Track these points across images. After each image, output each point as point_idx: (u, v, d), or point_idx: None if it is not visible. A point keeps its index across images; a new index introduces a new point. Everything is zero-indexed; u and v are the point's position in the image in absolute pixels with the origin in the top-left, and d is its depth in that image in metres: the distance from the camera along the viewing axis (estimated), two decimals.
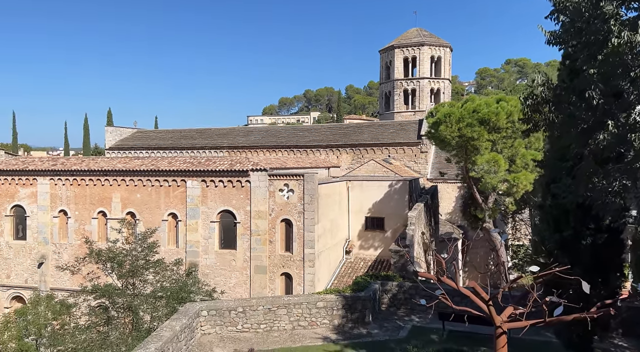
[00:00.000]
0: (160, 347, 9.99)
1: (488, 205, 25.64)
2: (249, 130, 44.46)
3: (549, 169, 9.30)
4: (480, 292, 6.58)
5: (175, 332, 10.83)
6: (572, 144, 7.91)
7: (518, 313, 6.79)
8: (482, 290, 6.60)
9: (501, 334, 7.00)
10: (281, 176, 24.32)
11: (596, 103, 6.66)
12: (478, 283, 8.47)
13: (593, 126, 6.99)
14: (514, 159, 23.54)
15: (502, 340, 7.03)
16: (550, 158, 9.40)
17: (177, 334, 10.95)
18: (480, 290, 6.51)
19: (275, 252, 24.39)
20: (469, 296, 7.17)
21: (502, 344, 7.03)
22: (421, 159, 38.25)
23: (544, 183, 10.97)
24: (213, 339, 12.49)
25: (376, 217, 28.60)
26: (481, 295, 6.60)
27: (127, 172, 26.23)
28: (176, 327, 11.00)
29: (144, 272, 18.59)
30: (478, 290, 6.49)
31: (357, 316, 13.37)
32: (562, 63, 10.07)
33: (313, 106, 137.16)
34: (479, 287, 6.47)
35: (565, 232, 10.34)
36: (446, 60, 46.66)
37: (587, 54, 7.32)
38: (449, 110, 23.58)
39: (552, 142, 9.42)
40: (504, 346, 7.03)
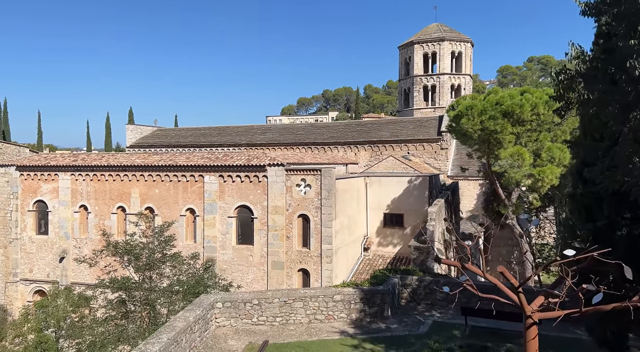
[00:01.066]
0: (173, 338, 9.76)
1: (511, 201, 24.78)
2: (267, 127, 44.37)
3: (582, 152, 8.66)
4: (510, 278, 6.09)
5: (188, 323, 10.60)
6: (610, 122, 7.29)
7: (550, 303, 6.27)
8: (511, 276, 6.11)
9: (531, 325, 6.49)
10: (298, 170, 24.03)
11: (638, 74, 6.07)
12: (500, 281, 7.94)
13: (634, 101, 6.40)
14: (539, 153, 22.65)
15: (532, 331, 6.52)
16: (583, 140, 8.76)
17: (191, 325, 10.72)
18: (509, 275, 6.02)
19: (292, 248, 24.10)
20: (495, 284, 6.68)
21: (533, 335, 6.52)
22: (441, 155, 37.50)
23: (574, 170, 10.33)
24: (228, 332, 12.22)
25: (395, 214, 28.06)
26: (510, 281, 6.10)
27: (145, 168, 26.33)
28: (190, 318, 10.76)
29: (161, 266, 18.54)
30: (507, 275, 6.00)
31: (376, 310, 12.93)
32: (595, 43, 9.45)
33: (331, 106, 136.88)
34: (508, 272, 5.97)
35: (599, 222, 9.70)
36: (467, 55, 45.66)
37: (625, 25, 6.74)
38: (471, 103, 22.86)
39: (585, 123, 8.78)
40: (535, 337, 6.51)
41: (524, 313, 6.41)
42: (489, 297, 6.52)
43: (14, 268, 29.08)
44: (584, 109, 8.12)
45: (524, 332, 6.63)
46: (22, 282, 29.08)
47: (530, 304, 6.42)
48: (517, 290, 6.07)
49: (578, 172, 10.25)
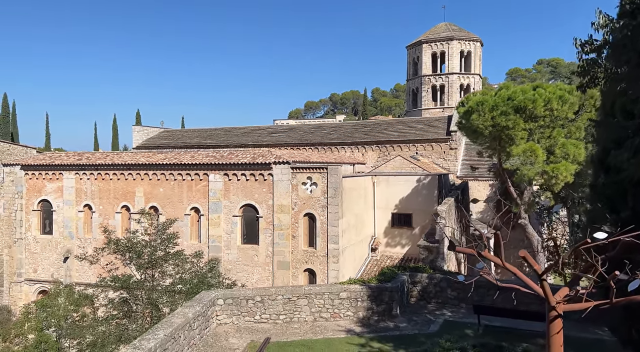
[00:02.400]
0: (170, 334, 9.27)
1: (524, 199, 24.05)
2: (274, 128, 43.99)
3: (607, 132, 8.03)
4: (533, 263, 5.51)
5: (187, 319, 10.10)
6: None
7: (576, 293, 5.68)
8: (534, 261, 5.53)
9: (556, 318, 5.89)
10: (304, 168, 23.56)
11: None
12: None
13: None
14: (553, 150, 21.92)
15: (556, 325, 5.92)
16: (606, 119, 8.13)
17: (190, 322, 10.22)
18: (532, 260, 5.44)
19: (298, 248, 23.59)
20: (515, 273, 6.11)
21: (557, 329, 5.92)
22: (450, 156, 36.83)
23: (596, 158, 9.72)
24: (229, 330, 11.71)
25: (403, 214, 27.44)
26: (534, 267, 5.53)
27: (150, 166, 26.03)
28: (189, 315, 10.27)
29: (163, 264, 18.10)
30: (530, 260, 5.43)
31: (384, 308, 12.35)
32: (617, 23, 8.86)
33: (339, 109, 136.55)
34: (530, 257, 5.40)
35: (623, 214, 9.07)
36: (476, 55, 45.01)
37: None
38: (482, 99, 22.24)
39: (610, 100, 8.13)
40: (560, 331, 5.92)
41: (547, 304, 5.83)
42: (509, 286, 5.95)
43: (19, 268, 28.87)
44: (611, 85, 7.52)
45: (546, 326, 6.03)
46: (26, 282, 28.85)
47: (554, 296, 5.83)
48: (541, 277, 5.49)
49: (600, 160, 9.63)
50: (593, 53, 7.30)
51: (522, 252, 5.40)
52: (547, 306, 5.93)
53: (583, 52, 7.51)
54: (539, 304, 12.86)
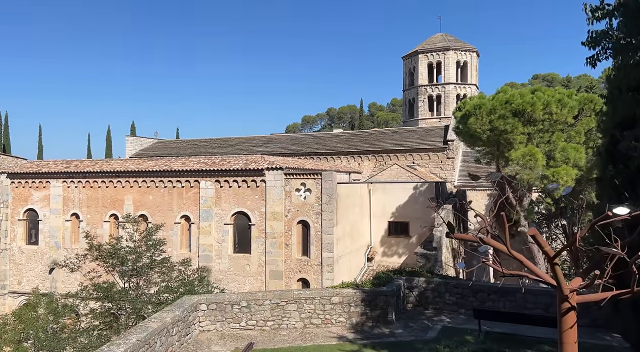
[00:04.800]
0: (145, 339, 8.48)
1: (523, 206, 23.40)
2: (269, 138, 43.46)
3: (617, 110, 7.39)
4: (544, 243, 4.83)
5: (165, 324, 9.31)
6: None
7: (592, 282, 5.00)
8: (544, 241, 4.86)
9: (569, 311, 5.19)
10: (298, 174, 22.92)
11: None
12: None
13: None
14: (553, 155, 21.36)
15: (569, 319, 5.22)
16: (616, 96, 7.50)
17: (168, 327, 9.43)
18: (542, 240, 4.77)
19: (291, 257, 22.78)
20: (521, 261, 5.43)
21: (570, 323, 5.22)
22: (447, 165, 36.30)
23: (603, 149, 9.12)
24: (212, 337, 10.90)
25: (400, 222, 26.74)
26: (544, 248, 4.84)
27: (139, 173, 25.33)
28: (166, 319, 9.48)
29: (149, 272, 17.29)
30: (540, 240, 4.75)
31: (379, 313, 11.56)
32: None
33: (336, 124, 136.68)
34: (540, 236, 4.74)
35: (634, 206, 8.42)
36: (473, 65, 44.89)
37: None
38: (479, 102, 21.81)
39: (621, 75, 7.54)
40: (573, 326, 5.21)
41: (559, 295, 5.13)
42: (515, 273, 5.27)
43: (2, 280, 27.86)
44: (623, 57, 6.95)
45: (558, 320, 5.31)
46: (10, 294, 27.81)
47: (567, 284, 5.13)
48: (552, 261, 4.81)
49: (607, 151, 9.03)
50: (605, 18, 6.73)
51: (532, 231, 4.73)
52: (558, 296, 5.24)
53: (594, 18, 6.92)
54: (544, 309, 12.14)
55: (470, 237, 5.68)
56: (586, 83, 63.93)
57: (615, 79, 7.49)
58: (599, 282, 5.10)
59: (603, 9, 6.74)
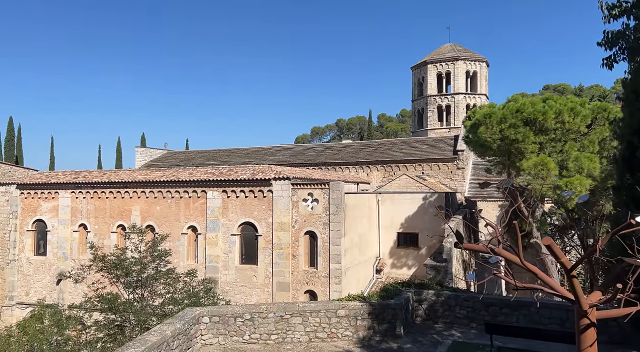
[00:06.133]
0: None
1: (535, 217, 22.83)
2: (278, 149, 43.40)
3: (632, 124, 7.02)
4: (560, 254, 4.50)
5: (164, 337, 9.03)
6: None
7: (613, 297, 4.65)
8: (560, 252, 4.53)
9: (588, 327, 4.83)
10: (305, 184, 22.68)
11: None
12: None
13: None
14: (565, 165, 20.85)
15: (589, 336, 4.85)
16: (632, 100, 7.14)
17: (168, 341, 9.15)
18: (558, 250, 4.44)
19: (298, 268, 22.44)
20: (535, 273, 5.09)
21: (590, 341, 4.84)
22: (457, 175, 35.82)
23: (620, 156, 8.74)
24: (214, 351, 10.58)
25: (409, 233, 26.26)
26: (561, 259, 4.51)
27: (147, 184, 25.30)
28: (167, 332, 9.20)
29: (154, 283, 17.07)
30: (556, 250, 4.42)
31: (386, 327, 11.17)
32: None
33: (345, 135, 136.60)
34: (556, 245, 4.41)
35: None
36: (482, 75, 44.57)
37: None
38: (489, 111, 21.44)
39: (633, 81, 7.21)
40: (593, 344, 4.83)
41: (577, 309, 4.77)
42: (530, 286, 4.93)
43: (10, 291, 27.86)
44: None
45: (577, 338, 4.94)
46: (18, 305, 27.77)
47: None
48: (570, 273, 4.47)
49: (624, 158, 8.65)
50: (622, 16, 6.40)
51: (547, 240, 4.41)
52: (577, 311, 4.87)
53: (610, 16, 6.59)
54: (560, 324, 11.64)
55: (480, 247, 5.35)
56: (598, 93, 63.18)
57: (632, 82, 7.15)
58: (620, 296, 4.74)
59: (620, 6, 6.43)
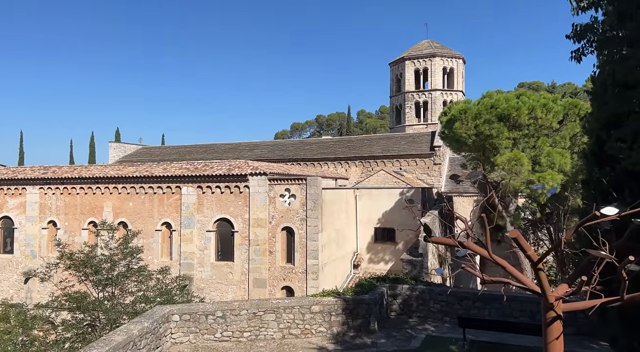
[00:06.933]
0: None
1: (509, 212, 23.20)
2: (255, 144, 42.92)
3: (606, 106, 7.04)
4: (527, 247, 4.46)
5: (131, 336, 8.75)
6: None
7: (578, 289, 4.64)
8: (527, 244, 4.49)
9: (554, 320, 4.81)
10: (282, 180, 22.47)
11: None
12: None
13: None
14: (538, 160, 21.22)
15: (555, 329, 4.84)
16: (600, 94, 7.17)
17: (134, 340, 8.86)
18: (525, 243, 4.40)
19: (275, 264, 22.25)
20: (504, 267, 5.05)
21: (556, 334, 4.83)
22: (434, 171, 36.11)
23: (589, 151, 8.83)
24: (185, 350, 10.33)
25: (387, 228, 26.37)
26: (527, 252, 4.47)
27: (119, 179, 24.65)
28: (133, 331, 8.91)
29: (125, 281, 16.62)
30: (522, 242, 4.38)
31: (360, 322, 11.11)
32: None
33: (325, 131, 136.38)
34: (523, 238, 4.37)
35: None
36: (459, 71, 45.02)
37: None
38: (465, 107, 21.64)
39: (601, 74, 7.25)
40: (560, 337, 4.82)
41: (544, 303, 4.75)
42: (497, 280, 4.90)
43: None
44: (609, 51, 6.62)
45: (543, 330, 4.93)
46: None
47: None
48: (537, 266, 4.44)
49: (593, 153, 8.75)
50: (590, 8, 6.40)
51: (514, 233, 4.36)
52: (543, 304, 4.85)
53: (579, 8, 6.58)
54: (530, 317, 11.80)
55: (449, 241, 5.30)
56: (570, 90, 64.75)
57: (600, 76, 7.21)
58: (586, 289, 4.73)
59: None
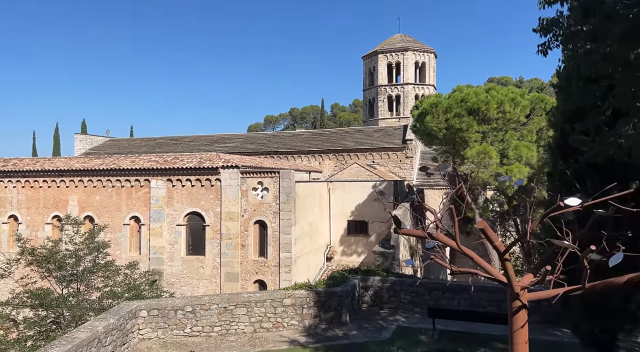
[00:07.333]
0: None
1: (478, 204, 23.73)
2: (228, 137, 42.32)
3: (569, 99, 7.21)
4: (493, 237, 4.52)
5: (96, 334, 8.47)
6: (613, 50, 5.80)
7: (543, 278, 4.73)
8: (494, 235, 4.55)
9: (520, 309, 4.90)
10: (254, 173, 22.22)
11: None
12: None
13: None
14: (506, 153, 21.75)
15: (521, 317, 4.93)
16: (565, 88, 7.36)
17: (99, 337, 8.59)
18: (492, 233, 4.46)
19: (247, 258, 22.05)
20: (472, 257, 5.11)
21: (521, 322, 4.93)
22: (406, 164, 36.54)
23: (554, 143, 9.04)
24: (153, 345, 10.11)
25: (359, 221, 26.53)
26: (494, 243, 4.53)
27: (85, 172, 23.85)
28: (98, 328, 8.64)
29: (91, 276, 16.12)
30: (489, 233, 4.44)
31: (332, 315, 11.14)
32: None
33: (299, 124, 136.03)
34: (490, 229, 4.42)
35: None
36: (431, 66, 45.56)
37: None
38: (436, 101, 21.91)
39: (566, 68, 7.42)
40: (524, 325, 4.92)
41: (510, 292, 4.83)
42: (465, 270, 4.96)
43: None
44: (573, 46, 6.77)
45: (509, 319, 5.01)
46: None
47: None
48: (503, 256, 4.51)
49: (558, 145, 8.98)
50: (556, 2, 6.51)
51: (481, 224, 4.40)
52: (509, 294, 4.93)
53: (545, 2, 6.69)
54: (497, 306, 12.11)
55: (419, 232, 5.32)
56: (537, 85, 66.71)
57: (565, 70, 7.40)
58: (550, 278, 4.84)
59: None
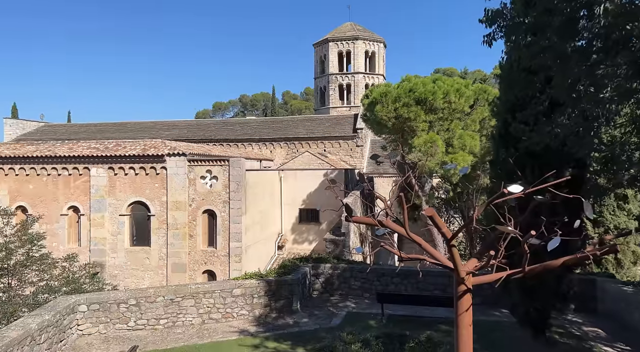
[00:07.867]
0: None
1: (425, 191, 24.50)
2: (174, 124, 40.78)
3: (511, 89, 7.53)
4: (441, 225, 4.61)
5: (28, 331, 7.92)
6: (552, 43, 6.08)
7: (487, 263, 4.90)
8: (442, 222, 4.65)
9: (465, 293, 5.05)
10: (203, 161, 21.61)
11: None
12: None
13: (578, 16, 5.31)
14: (451, 142, 22.54)
15: (465, 301, 5.08)
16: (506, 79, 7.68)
17: (33, 335, 8.04)
18: (440, 221, 4.54)
19: (196, 248, 21.53)
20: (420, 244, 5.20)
21: (466, 306, 5.08)
22: (357, 153, 36.98)
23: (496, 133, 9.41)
24: (94, 341, 9.62)
25: (311, 209, 26.59)
26: (442, 230, 4.63)
27: (16, 160, 22.20)
28: (31, 325, 8.08)
29: (24, 270, 15.06)
30: (437, 220, 4.52)
31: (283, 303, 11.11)
32: None
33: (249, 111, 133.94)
34: (438, 217, 4.51)
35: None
36: (380, 55, 46.11)
37: None
38: (385, 90, 22.23)
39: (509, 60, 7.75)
40: (469, 309, 5.08)
41: (456, 277, 4.95)
42: (413, 256, 5.04)
43: None
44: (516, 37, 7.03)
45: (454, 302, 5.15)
46: None
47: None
48: (450, 243, 4.61)
49: (500, 135, 9.34)
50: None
51: (429, 211, 4.47)
52: (455, 279, 5.06)
53: None
54: (442, 290, 12.60)
55: (369, 220, 5.33)
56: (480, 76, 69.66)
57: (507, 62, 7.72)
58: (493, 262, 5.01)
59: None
